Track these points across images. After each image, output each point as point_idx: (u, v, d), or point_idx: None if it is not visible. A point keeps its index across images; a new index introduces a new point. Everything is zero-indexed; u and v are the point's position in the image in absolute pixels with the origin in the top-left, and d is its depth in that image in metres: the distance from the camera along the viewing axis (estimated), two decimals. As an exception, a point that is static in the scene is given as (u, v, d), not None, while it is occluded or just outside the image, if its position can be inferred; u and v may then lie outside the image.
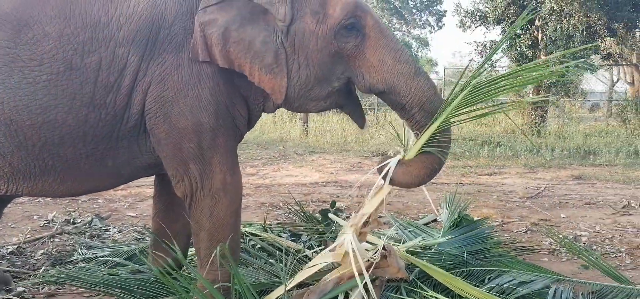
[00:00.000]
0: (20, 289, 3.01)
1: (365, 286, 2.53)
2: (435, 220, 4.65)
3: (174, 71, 2.37)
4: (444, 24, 31.63)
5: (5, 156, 2.36)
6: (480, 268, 3.06)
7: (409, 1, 30.87)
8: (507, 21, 13.44)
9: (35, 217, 4.89)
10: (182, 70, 2.38)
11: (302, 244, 3.51)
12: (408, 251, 3.24)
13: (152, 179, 3.05)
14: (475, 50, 14.40)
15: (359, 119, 2.65)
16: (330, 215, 2.98)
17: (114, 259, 3.31)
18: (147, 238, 3.89)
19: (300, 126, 14.16)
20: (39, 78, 2.29)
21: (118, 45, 2.34)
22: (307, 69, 2.41)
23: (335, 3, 2.38)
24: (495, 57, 14.29)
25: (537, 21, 13.20)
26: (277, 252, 3.14)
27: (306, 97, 2.47)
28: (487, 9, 13.95)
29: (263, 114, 2.76)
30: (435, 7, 31.26)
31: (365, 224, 2.74)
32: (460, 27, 14.48)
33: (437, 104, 2.48)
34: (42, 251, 3.76)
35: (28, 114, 2.29)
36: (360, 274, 2.67)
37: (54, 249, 3.81)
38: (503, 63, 15.55)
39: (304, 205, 4.48)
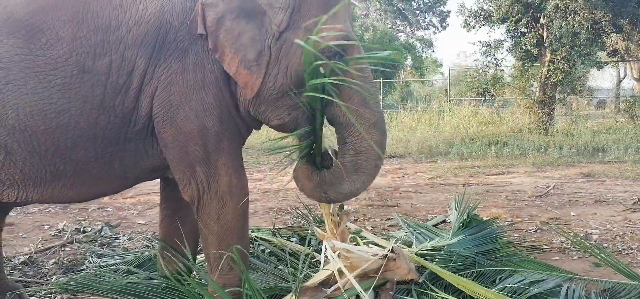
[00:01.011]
0: (33, 298, 3.02)
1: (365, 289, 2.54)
2: (444, 221, 4.64)
3: (179, 76, 2.41)
4: (448, 25, 31.58)
5: (17, 163, 2.39)
6: (491, 268, 3.06)
7: (412, 2, 30.84)
8: (512, 20, 13.40)
9: (45, 226, 4.91)
10: (187, 76, 2.42)
11: (312, 248, 3.50)
12: (418, 253, 3.23)
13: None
14: (480, 49, 14.35)
15: (316, 146, 2.58)
16: (315, 229, 2.95)
17: (124, 266, 3.32)
18: (157, 245, 3.90)
19: (307, 130, 14.16)
20: (54, 82, 2.32)
21: (127, 47, 2.38)
22: (283, 78, 2.45)
23: (330, 27, 2.39)
24: (499, 55, 14.28)
25: (542, 19, 13.15)
26: (287, 256, 3.14)
27: (275, 105, 2.49)
28: (491, 8, 13.91)
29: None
30: (438, 8, 31.23)
31: (337, 224, 2.75)
32: (464, 27, 14.43)
33: (370, 167, 2.49)
34: (53, 260, 3.78)
35: (43, 118, 2.33)
36: (366, 277, 2.69)
37: (65, 258, 3.83)
38: (508, 62, 15.51)
39: (312, 209, 4.48)
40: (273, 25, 2.42)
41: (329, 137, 2.59)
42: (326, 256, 2.73)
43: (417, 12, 31.24)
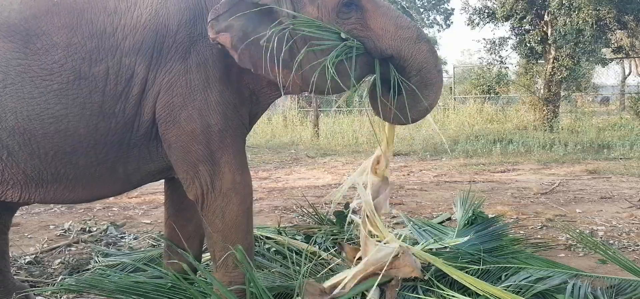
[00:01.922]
0: (39, 298, 3.03)
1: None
2: (449, 218, 4.63)
3: (181, 77, 2.42)
4: (452, 22, 31.48)
5: (19, 164, 2.40)
6: (497, 266, 3.05)
7: (416, 1, 30.79)
8: (516, 17, 13.37)
9: (51, 226, 4.93)
10: (190, 76, 2.42)
11: (317, 246, 3.51)
12: (424, 250, 3.23)
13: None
14: (484, 47, 14.33)
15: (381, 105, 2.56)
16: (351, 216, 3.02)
17: (131, 265, 3.33)
18: (163, 244, 3.91)
19: (311, 128, 14.17)
20: (50, 87, 2.32)
21: (124, 54, 2.38)
22: (321, 53, 2.43)
23: None
24: (504, 53, 14.26)
25: (546, 16, 13.12)
26: (294, 255, 3.14)
27: (322, 80, 2.46)
28: (495, 5, 13.89)
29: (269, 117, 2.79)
30: (442, 6, 31.15)
31: (377, 162, 2.87)
32: (468, 24, 14.41)
33: (435, 76, 2.53)
34: (59, 260, 3.79)
35: (40, 123, 2.33)
36: (376, 273, 2.70)
37: (71, 258, 3.84)
38: (513, 59, 15.48)
39: (317, 207, 4.48)
40: (283, 17, 2.42)
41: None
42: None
43: (421, 10, 31.18)
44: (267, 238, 3.56)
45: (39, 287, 3.25)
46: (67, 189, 2.52)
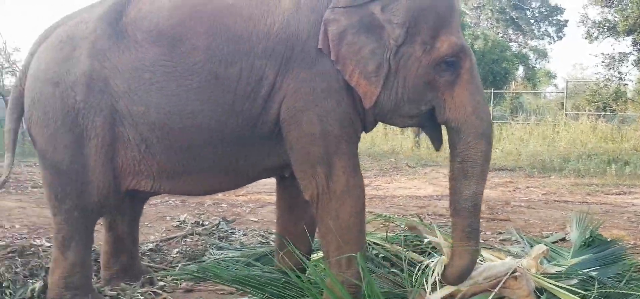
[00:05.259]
0: (161, 283, 3.25)
1: None
2: (563, 239, 4.44)
3: (306, 84, 2.56)
4: (564, 35, 30.08)
5: (155, 156, 2.63)
6: (618, 291, 2.89)
7: (527, 11, 29.68)
8: (639, 32, 12.56)
9: (167, 218, 5.25)
10: (314, 83, 2.56)
11: (425, 256, 3.48)
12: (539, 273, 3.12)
13: (271, 185, 3.21)
14: (603, 62, 13.56)
15: (436, 141, 2.83)
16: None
17: (244, 259, 3.48)
18: (271, 242, 4.06)
19: (412, 138, 14.05)
20: (190, 86, 2.53)
21: (256, 58, 2.55)
22: (402, 89, 2.60)
23: (445, 39, 2.57)
24: (623, 69, 13.44)
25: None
26: (404, 264, 3.15)
27: (396, 113, 2.67)
28: (616, 19, 13.12)
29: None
30: (555, 17, 29.85)
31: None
32: (586, 38, 13.71)
33: (477, 173, 2.61)
34: (177, 250, 4.04)
35: (179, 118, 2.55)
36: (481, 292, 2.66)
37: (188, 248, 4.08)
38: (632, 76, 14.55)
39: (422, 217, 4.45)
40: (391, 39, 2.55)
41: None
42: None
43: (532, 21, 30.03)
44: (375, 244, 3.59)
45: (160, 273, 3.47)
46: (194, 180, 2.74)
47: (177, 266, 3.64)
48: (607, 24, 13.25)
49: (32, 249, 3.79)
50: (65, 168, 2.64)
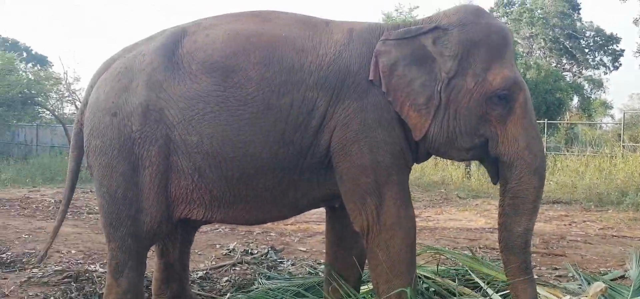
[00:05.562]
0: (210, 311, 3.28)
1: None
2: (622, 277, 4.25)
3: (357, 115, 2.57)
4: (620, 64, 29.15)
5: (207, 185, 2.67)
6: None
7: (581, 40, 28.98)
8: (702, 60, 12.07)
9: (217, 246, 5.30)
10: (365, 114, 2.57)
11: (477, 290, 3.40)
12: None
13: (319, 215, 3.19)
14: (662, 92, 13.07)
15: (494, 175, 2.77)
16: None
17: (293, 289, 3.47)
18: (320, 273, 4.03)
19: (463, 168, 13.82)
20: (243, 116, 2.57)
21: (308, 89, 2.57)
22: (453, 122, 2.60)
23: (498, 72, 2.56)
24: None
25: None
26: (453, 297, 3.08)
27: (451, 146, 2.66)
28: (675, 47, 12.66)
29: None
30: (611, 47, 29.02)
31: None
32: (643, 67, 13.27)
33: (529, 210, 2.60)
34: (226, 278, 4.07)
35: (232, 148, 2.59)
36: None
37: (237, 277, 4.10)
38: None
39: (473, 249, 4.34)
40: (442, 72, 2.57)
41: None
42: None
43: (586, 50, 29.28)
44: (426, 277, 3.52)
45: (210, 301, 3.50)
46: (245, 210, 2.76)
47: (226, 294, 3.67)
48: (667, 54, 12.82)
49: (87, 274, 3.89)
50: (120, 196, 2.70)
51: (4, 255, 4.76)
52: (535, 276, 4.20)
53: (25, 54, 26.51)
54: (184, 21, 2.89)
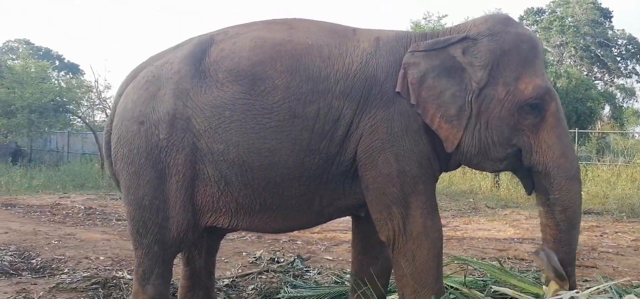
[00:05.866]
0: (236, 320, 3.27)
1: None
2: (657, 290, 4.13)
3: (383, 124, 2.56)
4: (654, 73, 28.53)
5: (233, 193, 2.67)
6: None
7: (613, 49, 28.45)
8: None
9: (243, 253, 5.31)
10: (391, 124, 2.56)
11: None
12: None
13: (345, 224, 3.17)
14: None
15: (528, 186, 2.74)
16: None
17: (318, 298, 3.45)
18: (346, 282, 4.00)
19: (491, 178, 13.63)
20: (269, 124, 2.57)
21: (334, 97, 2.57)
22: (485, 132, 2.57)
23: (529, 81, 2.54)
24: None
25: None
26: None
27: (484, 157, 2.63)
28: None
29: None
30: (644, 55, 28.41)
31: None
32: (678, 75, 12.97)
33: (577, 217, 2.61)
34: (252, 287, 4.07)
35: (258, 156, 2.58)
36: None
37: (263, 285, 4.10)
38: None
39: (502, 260, 4.26)
40: (473, 82, 2.55)
41: None
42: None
43: (618, 58, 28.74)
44: (454, 288, 3.46)
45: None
46: (271, 218, 2.75)
47: (252, 303, 3.66)
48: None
49: (114, 281, 3.93)
50: (147, 203, 2.73)
51: (33, 261, 4.84)
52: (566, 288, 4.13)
53: (57, 63, 27.10)
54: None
